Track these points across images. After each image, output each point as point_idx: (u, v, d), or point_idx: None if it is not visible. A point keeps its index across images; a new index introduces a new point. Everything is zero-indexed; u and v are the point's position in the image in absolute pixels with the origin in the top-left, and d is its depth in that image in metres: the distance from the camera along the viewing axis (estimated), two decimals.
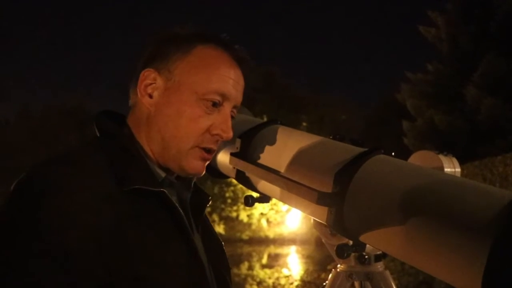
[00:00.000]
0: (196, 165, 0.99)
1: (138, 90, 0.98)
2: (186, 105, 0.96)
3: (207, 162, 1.02)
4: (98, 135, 0.98)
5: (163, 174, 0.99)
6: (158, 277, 0.85)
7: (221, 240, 1.13)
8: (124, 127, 1.00)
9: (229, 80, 0.99)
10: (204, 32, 1.02)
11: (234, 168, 1.16)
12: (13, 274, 0.75)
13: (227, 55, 1.01)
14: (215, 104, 0.97)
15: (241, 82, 1.03)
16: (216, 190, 18.31)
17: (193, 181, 1.05)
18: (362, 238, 0.90)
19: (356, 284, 1.19)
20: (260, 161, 1.11)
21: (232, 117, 1.03)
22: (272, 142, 1.12)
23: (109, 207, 0.83)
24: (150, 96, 0.98)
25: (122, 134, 0.98)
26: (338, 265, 1.21)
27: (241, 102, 1.04)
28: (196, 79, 0.96)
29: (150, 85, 0.98)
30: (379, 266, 1.17)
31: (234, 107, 1.03)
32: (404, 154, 1.05)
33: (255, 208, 17.96)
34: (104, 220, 0.82)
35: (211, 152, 1.00)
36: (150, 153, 0.98)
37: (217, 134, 0.98)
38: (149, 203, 0.90)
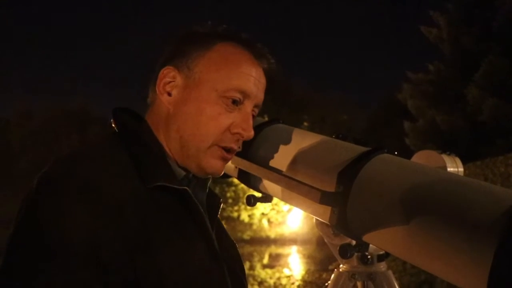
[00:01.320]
0: (214, 164, 0.96)
1: (157, 88, 0.96)
2: (206, 102, 0.93)
3: (227, 162, 1.00)
4: (117, 130, 0.97)
5: (183, 172, 0.97)
6: (183, 275, 0.84)
7: (234, 241, 1.12)
8: (143, 124, 0.99)
9: (250, 77, 0.96)
10: (225, 29, 1.01)
11: (236, 167, 1.16)
12: (35, 270, 0.75)
13: (248, 52, 0.99)
14: (235, 102, 0.95)
15: (263, 80, 1.01)
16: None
17: (209, 182, 1.03)
18: (365, 238, 0.89)
19: (359, 284, 1.18)
20: (262, 161, 1.10)
21: (253, 116, 1.00)
22: (274, 141, 1.12)
23: (134, 203, 0.83)
24: (169, 94, 0.96)
25: (142, 130, 0.97)
26: (341, 265, 1.20)
27: (262, 101, 1.02)
28: (216, 76, 0.94)
29: (169, 83, 0.96)
30: (382, 266, 1.17)
31: (256, 106, 1.00)
32: (406, 154, 1.04)
33: (256, 208, 17.96)
34: (130, 217, 0.81)
35: (231, 152, 0.98)
36: (168, 151, 0.96)
37: (237, 133, 0.96)
38: (171, 201, 0.89)
